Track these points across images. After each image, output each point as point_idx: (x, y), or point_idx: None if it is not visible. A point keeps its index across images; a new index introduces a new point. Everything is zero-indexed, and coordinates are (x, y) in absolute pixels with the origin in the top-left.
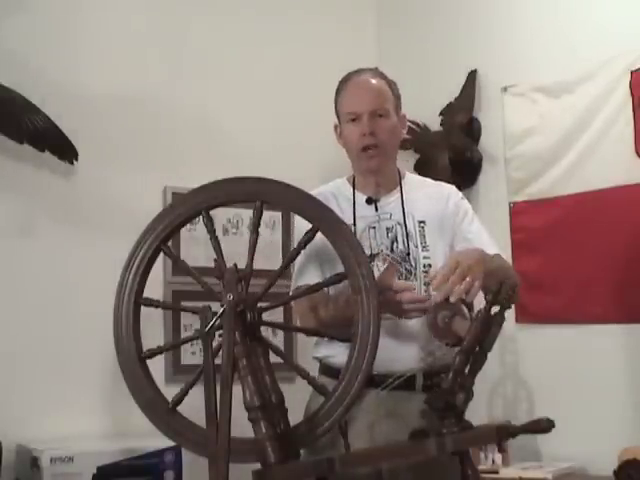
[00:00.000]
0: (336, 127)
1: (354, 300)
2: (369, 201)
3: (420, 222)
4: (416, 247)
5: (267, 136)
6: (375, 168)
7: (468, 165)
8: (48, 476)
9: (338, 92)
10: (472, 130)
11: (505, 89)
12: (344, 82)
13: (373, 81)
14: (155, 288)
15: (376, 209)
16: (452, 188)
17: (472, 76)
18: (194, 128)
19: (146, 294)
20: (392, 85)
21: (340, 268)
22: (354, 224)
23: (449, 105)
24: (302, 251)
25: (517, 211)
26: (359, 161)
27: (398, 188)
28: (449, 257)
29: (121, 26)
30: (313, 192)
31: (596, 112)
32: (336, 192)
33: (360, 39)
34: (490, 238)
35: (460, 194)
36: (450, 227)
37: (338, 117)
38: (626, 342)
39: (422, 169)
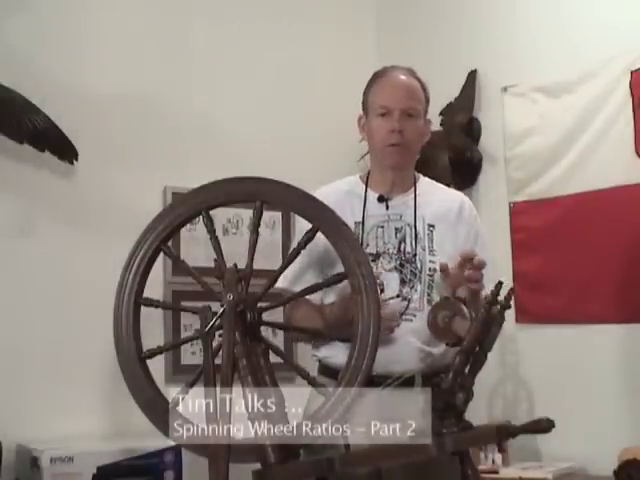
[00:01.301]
0: (360, 118)
1: (354, 300)
2: (380, 199)
3: (430, 226)
4: (423, 250)
5: (267, 136)
6: (398, 164)
7: (468, 165)
8: (48, 476)
9: (371, 84)
10: (472, 130)
11: (505, 89)
12: (379, 76)
13: (408, 80)
14: (155, 288)
15: (387, 207)
16: (466, 198)
17: (472, 76)
18: (194, 128)
19: (146, 294)
20: (425, 88)
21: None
22: (363, 222)
23: (449, 105)
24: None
25: (517, 211)
26: (382, 155)
27: (412, 190)
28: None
29: (121, 26)
30: (326, 187)
31: (596, 112)
32: (349, 189)
33: (360, 39)
34: (495, 269)
35: (474, 209)
36: (458, 237)
37: (365, 109)
38: (626, 342)
39: (422, 169)
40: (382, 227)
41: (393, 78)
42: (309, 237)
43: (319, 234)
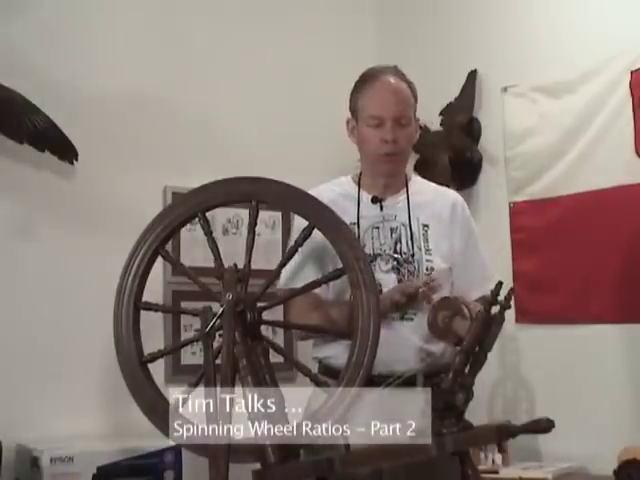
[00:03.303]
0: (348, 122)
1: (354, 295)
2: (374, 200)
3: (424, 225)
4: (419, 250)
5: (267, 136)
6: (392, 173)
7: (468, 165)
8: (48, 476)
9: (359, 90)
10: (472, 130)
11: (505, 89)
12: (369, 81)
13: (397, 84)
14: (155, 288)
15: (381, 208)
16: (458, 196)
17: (472, 76)
18: (194, 128)
19: (146, 294)
20: (413, 88)
21: None
22: (357, 223)
23: (449, 105)
24: (300, 251)
25: (517, 211)
26: (375, 164)
27: (404, 190)
28: None
29: (122, 26)
30: (313, 190)
31: (596, 112)
32: (339, 190)
33: (360, 39)
34: (485, 269)
35: (467, 208)
36: (452, 236)
37: (355, 113)
38: (626, 342)
39: (422, 169)
40: (377, 228)
41: (383, 85)
42: (306, 234)
43: (317, 234)
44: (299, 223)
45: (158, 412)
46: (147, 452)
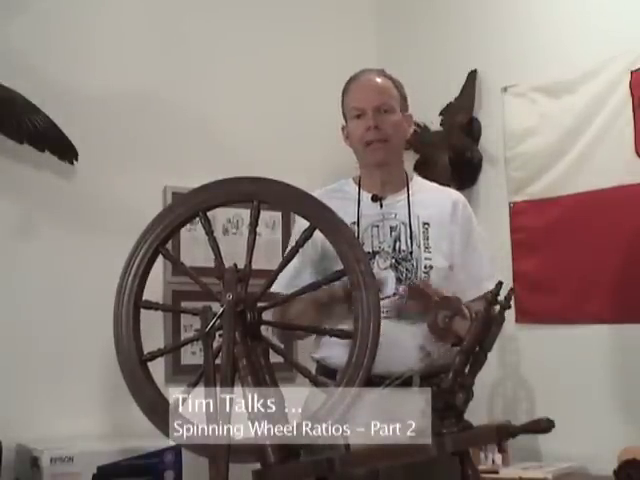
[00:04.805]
0: (343, 128)
1: (354, 297)
2: (374, 198)
3: (425, 224)
4: (419, 248)
5: (267, 136)
6: (380, 160)
7: (468, 165)
8: (48, 476)
9: (344, 92)
10: (472, 130)
11: (505, 89)
12: (350, 82)
13: (378, 79)
14: (155, 288)
15: (381, 206)
16: (460, 196)
17: (472, 76)
18: (194, 128)
19: (146, 294)
20: (398, 85)
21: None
22: (357, 222)
23: (449, 105)
24: (300, 252)
25: (517, 211)
26: (364, 155)
27: (405, 189)
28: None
29: (122, 26)
30: (316, 193)
31: (596, 112)
32: (340, 190)
33: (360, 39)
34: (491, 266)
35: (469, 207)
36: (453, 235)
37: (345, 117)
38: (626, 342)
39: (422, 169)
40: (377, 226)
41: (363, 80)
42: (307, 236)
43: (317, 234)
44: (300, 225)
45: (158, 412)
46: (147, 452)
